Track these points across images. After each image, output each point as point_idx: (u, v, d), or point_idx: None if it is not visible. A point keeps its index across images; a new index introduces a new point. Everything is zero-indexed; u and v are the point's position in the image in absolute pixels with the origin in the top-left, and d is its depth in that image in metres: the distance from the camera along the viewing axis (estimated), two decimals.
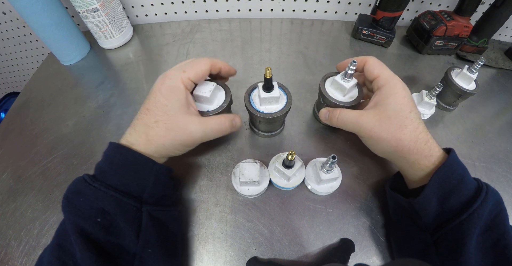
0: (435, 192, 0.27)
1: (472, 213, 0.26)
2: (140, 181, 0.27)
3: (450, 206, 0.27)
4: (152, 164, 0.28)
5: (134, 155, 0.27)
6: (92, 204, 0.25)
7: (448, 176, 0.27)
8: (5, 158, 0.43)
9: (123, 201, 0.26)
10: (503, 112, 0.51)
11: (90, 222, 0.24)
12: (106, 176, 0.27)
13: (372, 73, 0.33)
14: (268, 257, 0.33)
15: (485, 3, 0.60)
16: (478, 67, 0.42)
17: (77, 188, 0.26)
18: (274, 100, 0.35)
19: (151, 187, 0.28)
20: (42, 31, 0.51)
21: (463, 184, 0.27)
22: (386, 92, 0.31)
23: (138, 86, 0.53)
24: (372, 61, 0.34)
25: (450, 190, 0.27)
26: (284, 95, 0.37)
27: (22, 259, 0.33)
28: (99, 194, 0.25)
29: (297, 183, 0.36)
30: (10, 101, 1.00)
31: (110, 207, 0.25)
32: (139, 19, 0.67)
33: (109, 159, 0.28)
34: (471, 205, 0.26)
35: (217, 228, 0.35)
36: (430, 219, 0.28)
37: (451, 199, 0.27)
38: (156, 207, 0.28)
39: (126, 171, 0.27)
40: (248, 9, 0.67)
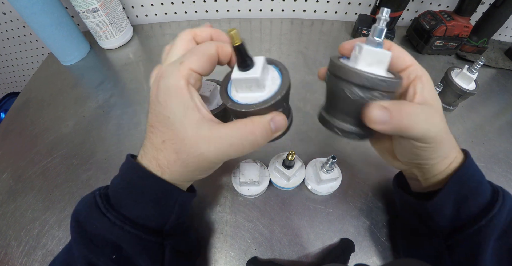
0: (452, 195, 0.25)
1: (491, 219, 0.24)
2: (162, 213, 0.23)
3: (467, 211, 0.25)
4: (177, 193, 0.23)
5: (156, 182, 0.22)
6: (106, 236, 0.21)
7: (468, 177, 0.25)
8: (5, 158, 0.43)
9: (142, 238, 0.22)
10: (503, 112, 0.51)
11: (104, 258, 0.21)
12: (123, 203, 0.22)
13: (404, 61, 0.24)
14: (268, 257, 0.33)
15: (485, 3, 0.60)
16: (478, 67, 0.42)
17: (88, 213, 0.22)
18: (254, 84, 0.21)
19: (174, 218, 0.24)
20: (42, 31, 0.51)
21: (482, 187, 0.26)
22: (429, 85, 0.24)
23: (138, 86, 0.53)
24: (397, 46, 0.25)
25: (468, 193, 0.25)
26: (279, 78, 0.23)
27: (22, 259, 0.33)
28: (114, 229, 0.21)
29: (297, 183, 0.36)
30: (10, 101, 1.00)
31: (128, 245, 0.22)
32: (139, 19, 0.67)
33: (125, 181, 0.23)
34: (490, 210, 0.24)
35: (217, 228, 0.35)
36: (445, 222, 0.26)
37: (469, 203, 0.25)
38: (178, 237, 0.25)
39: (147, 201, 0.22)
40: (248, 9, 0.67)
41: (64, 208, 0.37)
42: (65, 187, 0.39)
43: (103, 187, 0.25)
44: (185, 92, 0.20)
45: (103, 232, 0.21)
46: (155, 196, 0.22)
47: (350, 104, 0.22)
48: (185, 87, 0.20)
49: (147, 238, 0.22)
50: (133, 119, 0.47)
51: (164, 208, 0.23)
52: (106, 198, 0.23)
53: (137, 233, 0.22)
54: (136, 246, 0.22)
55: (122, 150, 0.43)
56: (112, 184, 0.24)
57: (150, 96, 0.22)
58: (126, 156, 0.24)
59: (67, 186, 0.39)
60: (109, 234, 0.21)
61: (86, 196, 0.23)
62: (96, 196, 0.23)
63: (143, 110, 0.48)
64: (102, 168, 0.41)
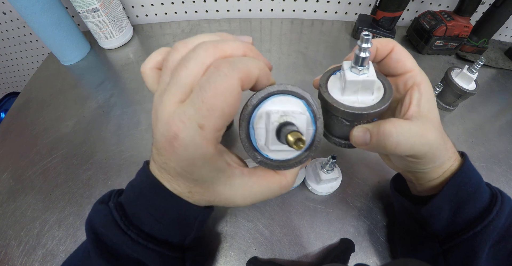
0: (449, 200, 0.24)
1: (487, 225, 0.23)
2: (182, 230, 0.23)
3: (464, 216, 0.24)
4: (199, 212, 0.23)
5: (178, 203, 0.21)
6: (127, 252, 0.21)
7: (465, 182, 0.24)
8: (5, 158, 0.43)
9: (165, 255, 0.22)
10: (503, 112, 0.51)
11: None
12: (143, 221, 0.21)
13: (405, 65, 0.23)
14: (268, 257, 0.33)
15: (485, 3, 0.60)
16: (478, 67, 0.42)
17: (107, 229, 0.21)
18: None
19: (194, 234, 0.24)
20: (42, 31, 0.51)
21: (480, 191, 0.25)
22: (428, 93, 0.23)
23: (138, 86, 0.53)
24: (400, 48, 0.23)
25: (465, 198, 0.24)
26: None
27: (22, 259, 0.33)
28: (137, 247, 0.21)
29: (297, 183, 0.36)
30: (10, 101, 1.00)
31: (151, 262, 0.21)
32: (139, 19, 0.67)
33: (145, 198, 0.21)
34: (487, 215, 0.24)
35: (217, 228, 0.35)
36: (440, 227, 0.25)
37: (465, 208, 0.24)
38: (196, 251, 0.26)
39: (169, 220, 0.22)
40: (248, 9, 0.67)
41: (64, 208, 0.37)
42: (65, 187, 0.39)
43: (114, 193, 0.24)
44: (215, 161, 0.18)
45: (124, 248, 0.21)
46: (177, 217, 0.22)
47: (339, 126, 0.24)
48: (215, 155, 0.18)
49: (170, 255, 0.22)
50: (133, 119, 0.47)
51: (185, 226, 0.23)
52: (122, 210, 0.22)
53: (161, 250, 0.22)
54: (159, 262, 0.22)
55: (122, 150, 0.43)
56: (127, 193, 0.23)
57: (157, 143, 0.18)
58: (143, 164, 0.23)
59: (67, 186, 0.39)
60: (131, 251, 0.21)
61: (100, 205, 0.22)
62: (112, 209, 0.22)
63: (143, 110, 0.48)
64: (102, 168, 0.41)
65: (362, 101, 0.21)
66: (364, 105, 0.21)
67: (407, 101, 0.23)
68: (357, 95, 0.22)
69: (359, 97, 0.22)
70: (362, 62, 0.20)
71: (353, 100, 0.22)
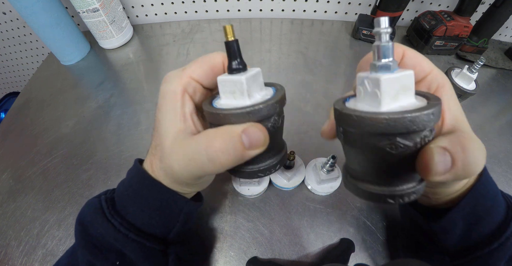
0: (465, 215, 0.22)
1: (504, 241, 0.22)
2: (167, 222, 0.23)
3: (479, 231, 0.22)
4: (183, 203, 0.23)
5: (162, 192, 0.22)
6: (110, 242, 0.21)
7: (483, 195, 0.22)
8: (5, 158, 0.43)
9: (146, 246, 0.22)
10: (503, 112, 0.51)
11: (107, 264, 0.21)
12: (128, 210, 0.22)
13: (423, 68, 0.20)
14: (268, 257, 0.33)
15: (485, 3, 0.60)
16: (478, 67, 0.42)
17: (93, 218, 0.22)
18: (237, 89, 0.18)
19: (179, 227, 0.24)
20: (42, 31, 0.51)
21: (496, 205, 0.23)
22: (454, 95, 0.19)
23: (138, 86, 0.53)
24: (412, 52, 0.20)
25: (483, 212, 0.22)
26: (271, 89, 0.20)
27: (22, 259, 0.33)
28: (118, 236, 0.21)
29: (297, 183, 0.36)
30: (10, 101, 1.00)
31: (131, 252, 0.21)
32: (139, 19, 0.67)
33: (132, 189, 0.22)
34: (504, 231, 0.22)
35: (217, 228, 0.35)
36: (452, 242, 0.23)
37: (482, 223, 0.22)
38: (182, 246, 0.25)
39: (152, 210, 0.22)
40: (248, 9, 0.67)
41: (64, 208, 0.37)
42: (65, 187, 0.39)
43: (109, 190, 0.25)
44: (178, 99, 0.19)
45: (107, 238, 0.21)
46: (160, 205, 0.22)
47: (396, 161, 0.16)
48: (180, 94, 0.19)
49: (151, 246, 0.22)
50: (133, 119, 0.47)
51: (169, 217, 0.23)
52: (112, 202, 0.23)
53: (141, 241, 0.22)
54: (139, 253, 0.22)
55: (122, 150, 0.43)
56: (118, 188, 0.23)
57: None
58: (134, 161, 0.24)
59: (67, 186, 0.39)
60: (113, 240, 0.21)
61: (93, 199, 0.23)
62: (102, 200, 0.22)
63: (143, 110, 0.48)
64: (102, 168, 0.41)
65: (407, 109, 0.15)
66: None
67: None
68: (399, 102, 0.15)
69: (402, 104, 0.15)
70: (388, 53, 0.15)
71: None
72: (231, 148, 0.16)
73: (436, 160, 0.14)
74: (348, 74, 0.56)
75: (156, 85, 0.32)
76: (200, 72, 0.20)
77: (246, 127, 0.17)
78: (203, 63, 0.20)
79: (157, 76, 0.54)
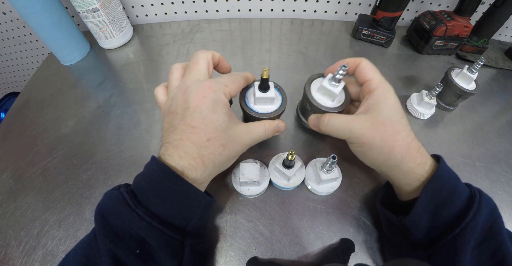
0: (426, 207, 0.26)
1: (465, 227, 0.24)
2: (186, 214, 0.25)
3: (442, 220, 0.26)
4: (202, 197, 0.26)
5: (184, 186, 0.25)
6: (132, 231, 0.23)
7: (439, 188, 0.26)
8: (5, 158, 0.43)
9: (166, 234, 0.24)
10: (503, 112, 0.51)
11: (128, 252, 0.23)
12: (151, 201, 0.24)
13: (366, 76, 0.31)
14: (268, 257, 0.33)
15: (485, 3, 0.60)
16: (478, 67, 0.42)
17: (116, 208, 0.23)
18: (269, 101, 0.34)
19: (197, 220, 0.26)
20: (42, 31, 0.51)
21: (455, 194, 0.26)
22: (379, 97, 0.29)
23: (138, 86, 0.53)
24: (365, 63, 0.31)
25: (441, 203, 0.26)
26: (280, 96, 0.36)
27: (22, 259, 0.33)
28: (142, 223, 0.23)
29: (297, 183, 0.36)
30: (10, 101, 1.00)
31: (152, 239, 0.23)
32: (139, 19, 0.67)
33: (154, 182, 0.24)
34: (464, 217, 0.25)
35: (217, 228, 0.35)
36: (421, 234, 0.27)
37: (442, 212, 0.26)
38: (197, 240, 0.27)
39: (174, 202, 0.24)
40: (248, 9, 0.67)
41: (64, 208, 0.37)
42: (65, 187, 0.39)
43: (122, 185, 0.27)
44: (227, 105, 0.29)
45: (130, 227, 0.23)
46: (181, 198, 0.25)
47: (307, 112, 0.39)
48: (227, 102, 0.29)
49: (171, 235, 0.24)
50: (133, 119, 0.47)
51: (188, 209, 0.25)
52: (133, 194, 0.24)
53: (163, 229, 0.23)
54: (160, 241, 0.23)
55: (122, 150, 0.43)
56: (138, 182, 0.25)
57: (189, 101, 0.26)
58: (152, 157, 0.26)
59: (67, 186, 0.39)
60: (136, 229, 0.23)
61: (111, 192, 0.25)
62: (122, 192, 0.24)
63: (143, 110, 0.48)
64: (102, 168, 0.41)
65: (324, 102, 0.34)
66: (325, 105, 0.34)
67: (362, 102, 0.31)
68: (324, 97, 0.34)
69: (324, 99, 0.34)
70: (336, 80, 0.32)
71: (320, 99, 0.34)
72: (273, 130, 0.32)
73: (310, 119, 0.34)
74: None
75: (156, 85, 0.32)
76: (235, 92, 0.31)
77: (279, 122, 0.33)
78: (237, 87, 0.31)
79: (157, 76, 0.54)
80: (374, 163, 0.31)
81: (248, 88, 0.36)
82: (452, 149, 0.44)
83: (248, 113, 0.34)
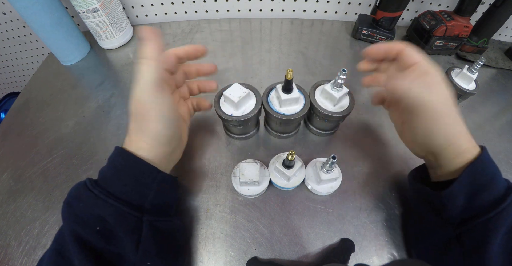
0: (466, 186, 0.26)
1: (500, 211, 0.25)
2: (141, 190, 0.26)
3: (479, 202, 0.26)
4: (156, 172, 0.27)
5: (136, 161, 0.26)
6: (91, 211, 0.24)
7: (481, 171, 0.27)
8: (5, 158, 0.43)
9: (122, 210, 0.25)
10: (503, 112, 0.51)
11: (89, 230, 0.24)
12: (108, 182, 0.26)
13: (412, 59, 0.30)
14: (268, 257, 0.33)
15: (485, 3, 0.60)
16: (478, 67, 0.42)
17: (77, 193, 0.25)
18: (294, 101, 0.35)
19: (153, 196, 0.27)
20: (42, 31, 0.51)
21: (495, 181, 0.27)
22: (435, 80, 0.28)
23: None
24: (410, 48, 0.31)
25: (481, 186, 0.26)
26: (302, 96, 0.37)
27: (22, 259, 0.33)
28: (98, 201, 0.24)
29: (297, 183, 0.36)
30: (10, 101, 1.00)
31: (110, 216, 0.24)
32: (139, 19, 0.67)
33: (112, 164, 0.27)
34: (500, 203, 0.25)
35: (217, 228, 0.35)
36: (456, 212, 0.27)
37: (481, 195, 0.26)
38: (158, 217, 0.27)
39: (128, 178, 0.26)
40: (248, 9, 0.67)
41: None
42: (65, 187, 0.39)
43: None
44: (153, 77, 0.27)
45: (89, 207, 0.24)
46: (135, 175, 0.26)
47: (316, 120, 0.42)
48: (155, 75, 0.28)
49: (126, 211, 0.25)
50: None
51: (143, 185, 0.26)
52: (94, 180, 0.26)
53: (118, 205, 0.24)
54: (117, 218, 0.24)
55: None
56: (101, 170, 0.27)
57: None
58: (115, 148, 0.28)
59: (67, 186, 0.39)
60: (95, 208, 0.24)
61: (78, 182, 0.27)
62: (86, 179, 0.26)
63: None
64: None
65: (326, 106, 0.37)
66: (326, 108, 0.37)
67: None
68: (326, 101, 0.37)
69: (326, 103, 0.37)
70: (337, 84, 0.35)
71: (322, 102, 0.37)
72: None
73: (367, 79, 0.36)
74: (348, 74, 0.55)
75: None
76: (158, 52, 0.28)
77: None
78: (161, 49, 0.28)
79: None
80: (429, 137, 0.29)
81: (270, 91, 0.38)
82: None
83: (275, 117, 0.35)
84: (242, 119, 0.35)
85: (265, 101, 0.37)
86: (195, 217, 0.36)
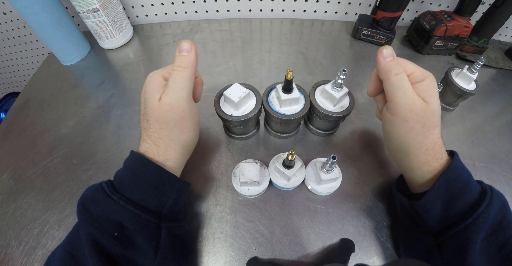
0: (439, 195, 0.27)
1: (477, 217, 0.25)
2: (160, 197, 0.27)
3: (455, 210, 0.26)
4: (174, 180, 0.28)
5: (156, 170, 0.27)
6: (109, 216, 0.24)
7: (453, 179, 0.27)
8: (5, 158, 0.43)
9: (142, 217, 0.25)
10: (503, 112, 0.51)
11: (107, 235, 0.24)
12: (126, 188, 0.26)
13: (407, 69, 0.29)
14: (268, 257, 0.33)
15: (485, 3, 0.60)
16: (478, 67, 0.42)
17: (94, 197, 0.25)
18: (294, 101, 0.35)
19: (171, 203, 0.27)
20: (42, 31, 0.51)
21: (468, 187, 0.27)
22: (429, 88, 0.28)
23: (138, 86, 0.53)
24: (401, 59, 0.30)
25: (455, 194, 0.26)
26: (302, 96, 0.37)
27: (22, 259, 0.33)
28: (117, 208, 0.24)
29: (297, 183, 0.36)
30: (10, 101, 1.00)
31: (129, 223, 0.24)
32: (139, 19, 0.67)
33: (129, 170, 0.27)
34: (476, 209, 0.25)
35: (217, 228, 0.35)
36: (433, 222, 0.27)
37: (456, 202, 0.26)
38: (174, 223, 0.28)
39: (147, 186, 0.26)
40: (248, 9, 0.67)
41: (64, 208, 0.37)
42: (65, 187, 0.39)
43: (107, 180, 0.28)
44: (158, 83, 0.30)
45: (107, 212, 0.24)
46: (155, 182, 0.26)
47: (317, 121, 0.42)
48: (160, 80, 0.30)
49: (146, 218, 0.25)
50: (133, 119, 0.47)
51: (162, 192, 0.27)
52: (111, 184, 0.26)
53: (138, 212, 0.25)
54: (136, 224, 0.24)
55: (122, 150, 0.43)
56: (116, 174, 0.27)
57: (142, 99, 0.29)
58: (130, 151, 0.28)
59: (67, 186, 0.39)
60: (113, 213, 0.24)
61: (93, 185, 0.26)
62: (102, 183, 0.26)
63: None
64: (102, 168, 0.41)
65: (326, 106, 0.37)
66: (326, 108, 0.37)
67: None
68: (326, 101, 0.38)
69: (326, 103, 0.37)
70: (337, 84, 0.35)
71: (322, 102, 0.37)
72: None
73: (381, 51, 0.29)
74: (348, 74, 0.55)
75: None
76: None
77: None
78: None
79: None
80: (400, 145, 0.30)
81: (270, 91, 0.38)
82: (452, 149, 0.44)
83: (275, 117, 0.35)
84: (242, 119, 0.35)
85: (265, 101, 0.36)
86: (195, 217, 0.36)
